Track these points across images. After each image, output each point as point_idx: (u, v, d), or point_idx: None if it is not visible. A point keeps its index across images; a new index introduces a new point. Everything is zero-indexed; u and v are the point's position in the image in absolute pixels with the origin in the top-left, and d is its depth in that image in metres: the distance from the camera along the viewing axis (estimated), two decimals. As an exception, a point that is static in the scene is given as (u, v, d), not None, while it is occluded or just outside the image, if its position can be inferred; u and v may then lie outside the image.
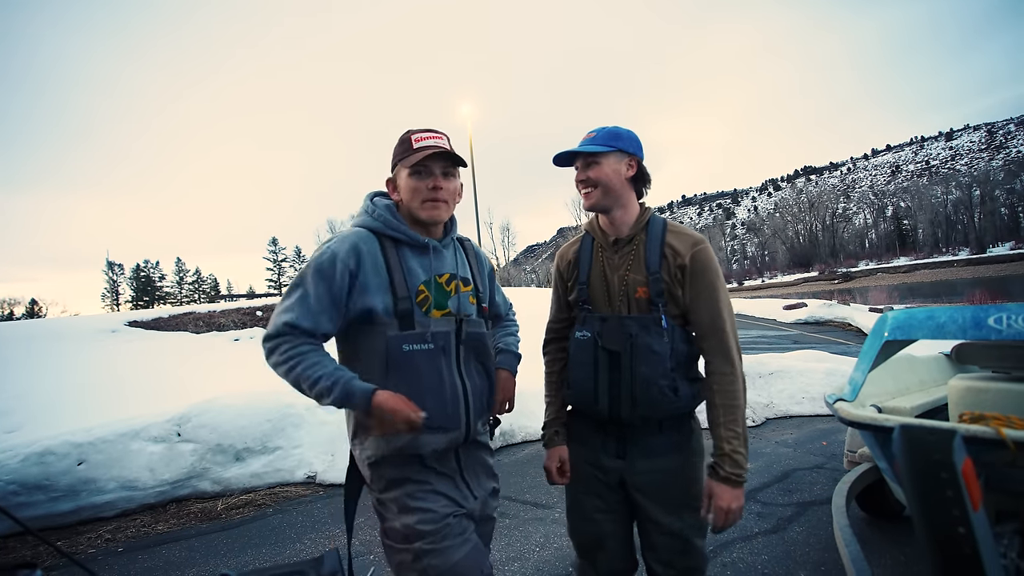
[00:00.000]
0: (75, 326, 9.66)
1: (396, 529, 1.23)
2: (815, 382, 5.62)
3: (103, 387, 5.92)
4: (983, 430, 1.30)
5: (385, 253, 1.27)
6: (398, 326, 1.24)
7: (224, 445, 3.86)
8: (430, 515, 1.21)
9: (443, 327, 1.28)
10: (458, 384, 1.29)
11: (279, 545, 2.96)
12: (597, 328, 1.40)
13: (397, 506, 1.24)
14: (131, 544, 3.08)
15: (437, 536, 1.20)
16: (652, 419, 1.37)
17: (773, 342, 11.32)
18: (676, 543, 1.39)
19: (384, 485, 1.26)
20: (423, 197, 1.28)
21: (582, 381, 1.43)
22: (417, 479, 1.25)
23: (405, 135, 1.32)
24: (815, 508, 2.98)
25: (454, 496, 1.28)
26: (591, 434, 1.48)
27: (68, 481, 3.32)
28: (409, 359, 1.23)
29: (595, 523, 1.47)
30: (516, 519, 3.08)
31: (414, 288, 1.27)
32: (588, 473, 1.48)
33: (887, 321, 1.94)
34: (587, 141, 1.41)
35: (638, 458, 1.41)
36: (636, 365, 1.34)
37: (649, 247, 1.39)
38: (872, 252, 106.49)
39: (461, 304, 1.35)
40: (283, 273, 77.15)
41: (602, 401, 1.39)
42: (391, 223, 1.29)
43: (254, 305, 11.96)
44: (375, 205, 1.33)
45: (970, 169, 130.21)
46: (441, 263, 1.34)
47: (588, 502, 1.49)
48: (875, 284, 52.66)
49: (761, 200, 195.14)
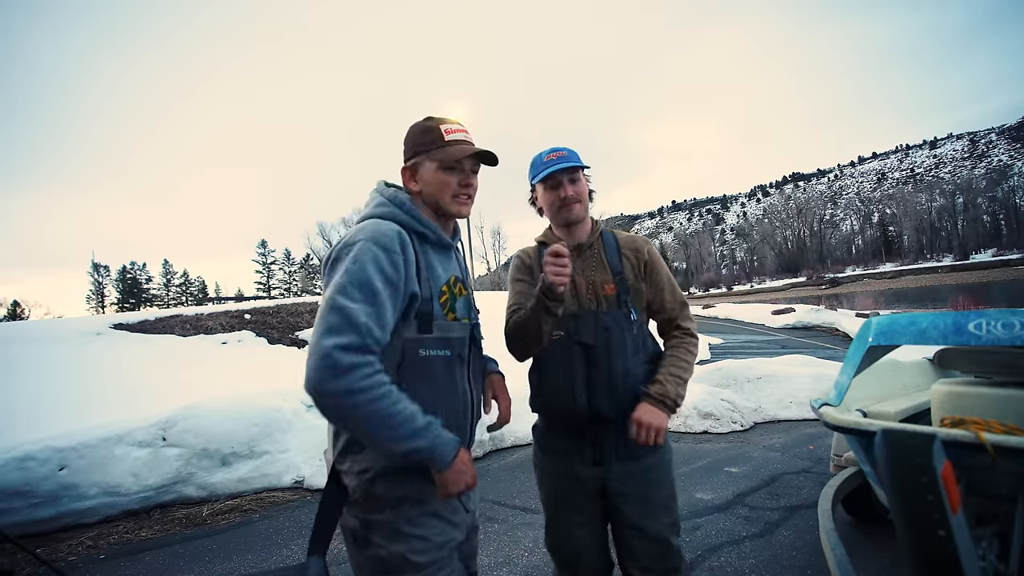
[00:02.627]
0: (58, 328, 9.49)
1: (382, 558, 1.08)
2: (802, 386, 5.67)
3: (86, 391, 5.82)
4: (963, 434, 1.32)
5: (415, 247, 1.15)
6: (416, 328, 1.13)
7: (210, 450, 3.81)
8: (423, 544, 1.09)
9: (460, 333, 1.21)
10: (469, 393, 1.23)
11: (265, 551, 2.92)
12: (570, 325, 1.44)
13: (386, 532, 1.09)
14: (113, 551, 3.02)
15: (428, 571, 1.09)
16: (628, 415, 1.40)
17: (761, 347, 11.44)
18: (655, 547, 1.41)
19: (376, 504, 1.10)
20: (454, 192, 1.21)
21: (556, 379, 1.45)
22: (415, 499, 1.11)
23: (431, 123, 1.22)
24: (802, 512, 3.00)
25: (449, 516, 1.17)
26: (565, 444, 1.49)
27: (49, 487, 3.26)
28: (427, 365, 1.14)
29: (574, 537, 1.49)
30: (505, 524, 3.07)
31: (437, 289, 1.18)
32: (564, 486, 1.49)
33: (871, 327, 1.97)
34: (563, 159, 1.50)
35: (615, 463, 1.44)
36: (613, 357, 1.41)
37: (608, 251, 1.52)
38: (859, 258, 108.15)
39: (471, 308, 1.29)
40: (272, 276, 76.52)
41: (580, 398, 1.41)
42: (422, 219, 1.19)
43: (242, 308, 11.84)
44: (398, 196, 1.20)
45: (953, 177, 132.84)
46: (455, 266, 1.28)
47: (566, 517, 1.50)
48: (862, 290, 53.41)
49: (750, 206, 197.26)
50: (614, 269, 1.48)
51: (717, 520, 2.95)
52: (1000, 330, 1.54)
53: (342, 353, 0.95)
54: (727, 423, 5.01)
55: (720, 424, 5.00)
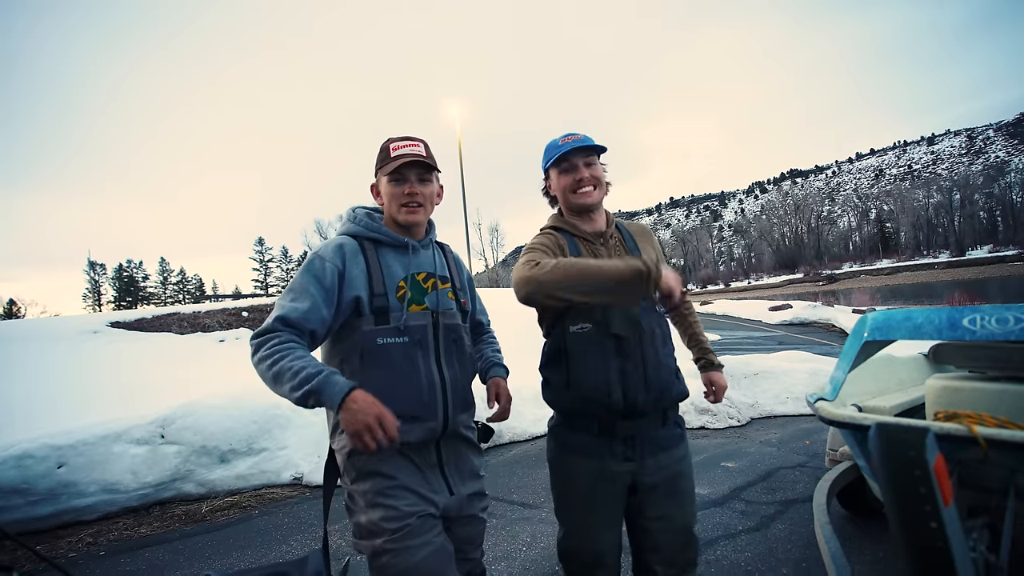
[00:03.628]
0: (55, 327, 9.46)
1: (362, 524, 1.26)
2: (799, 382, 5.70)
3: (84, 389, 5.81)
4: (955, 427, 1.34)
5: (365, 254, 1.36)
6: (374, 321, 1.30)
7: (209, 447, 3.81)
8: (394, 512, 1.23)
9: (419, 320, 1.35)
10: (435, 375, 1.34)
11: (265, 547, 2.93)
12: (598, 317, 1.38)
13: (364, 501, 1.26)
14: (113, 547, 3.03)
15: (398, 535, 1.21)
16: (660, 407, 1.42)
17: (759, 343, 11.47)
18: (680, 538, 1.42)
19: (355, 476, 1.29)
20: (400, 202, 1.39)
21: (590, 373, 1.38)
22: (387, 473, 1.27)
23: (385, 143, 1.42)
24: (798, 506, 3.02)
25: (424, 492, 1.29)
26: (594, 442, 1.41)
27: (48, 484, 3.26)
28: (384, 351, 1.29)
29: (601, 540, 1.43)
30: (503, 519, 3.09)
31: (393, 285, 1.35)
32: (592, 487, 1.41)
33: (866, 322, 1.98)
34: (577, 141, 1.47)
35: (647, 456, 1.41)
36: (646, 348, 1.39)
37: (626, 239, 1.54)
38: (856, 254, 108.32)
39: (440, 300, 1.41)
40: (269, 273, 76.28)
41: (615, 392, 1.36)
42: (370, 225, 1.41)
43: (240, 306, 11.82)
44: (355, 213, 1.46)
45: (951, 173, 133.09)
46: (420, 262, 1.42)
47: (596, 518, 1.42)
48: (859, 286, 53.46)
49: (748, 202, 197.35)
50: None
51: (714, 514, 2.97)
52: (994, 325, 1.55)
53: (255, 338, 1.22)
54: (724, 418, 5.04)
55: (717, 419, 5.02)
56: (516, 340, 6.61)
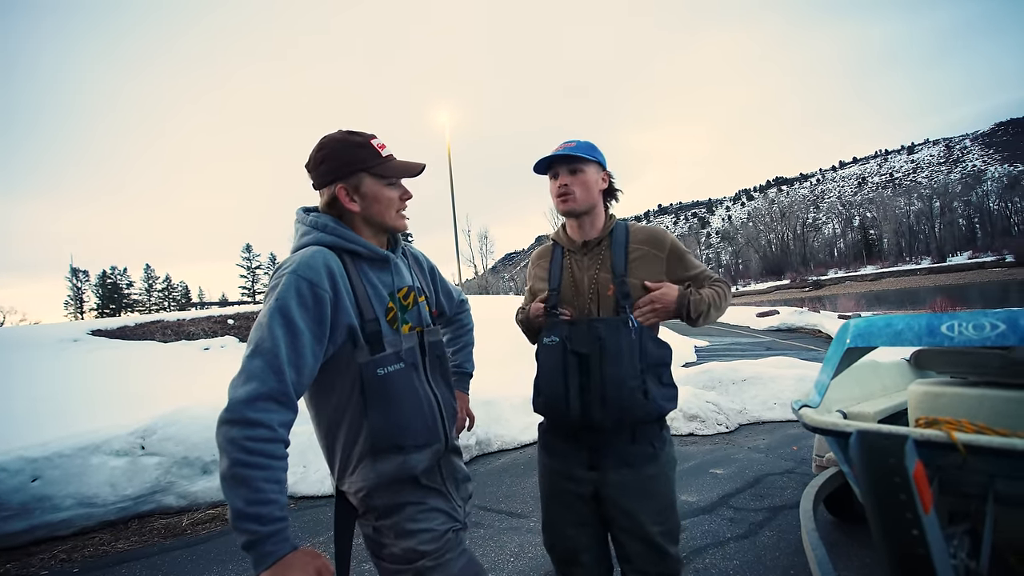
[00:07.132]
0: (34, 335, 9.23)
1: (396, 554, 1.20)
2: (786, 388, 5.74)
3: (62, 399, 5.67)
4: (935, 434, 1.35)
5: (348, 271, 1.16)
6: (368, 351, 1.15)
7: (191, 458, 3.73)
8: (430, 534, 1.20)
9: (409, 343, 1.24)
10: (431, 396, 1.27)
11: (246, 560, 2.85)
12: (565, 332, 1.44)
13: (395, 532, 1.20)
14: (88, 564, 2.94)
15: (438, 553, 1.19)
16: (624, 424, 1.39)
17: (747, 348, 11.56)
18: (651, 553, 1.40)
19: (379, 514, 1.21)
20: (398, 208, 1.26)
21: (552, 385, 1.45)
22: (413, 501, 1.22)
23: (360, 138, 1.22)
24: (785, 512, 3.03)
25: (447, 510, 1.27)
26: (563, 446, 1.50)
27: (21, 499, 3.16)
28: (386, 383, 1.17)
29: (569, 538, 1.48)
30: (491, 528, 3.06)
31: (382, 306, 1.21)
32: (561, 487, 1.49)
33: (849, 329, 2.00)
34: (568, 150, 1.46)
35: (610, 469, 1.41)
36: (605, 366, 1.37)
37: (615, 251, 1.48)
38: (841, 261, 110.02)
39: (422, 316, 1.31)
40: (257, 280, 75.40)
41: (573, 405, 1.40)
42: (349, 235, 1.19)
43: (226, 313, 11.64)
44: (321, 220, 1.19)
45: (930, 182, 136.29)
46: (400, 277, 1.29)
47: (561, 516, 1.50)
48: (844, 292, 54.32)
49: (735, 209, 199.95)
50: (616, 272, 1.45)
51: (702, 522, 2.97)
52: (971, 332, 1.58)
53: (242, 414, 0.96)
54: (712, 425, 5.05)
55: (705, 426, 5.04)
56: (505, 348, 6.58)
